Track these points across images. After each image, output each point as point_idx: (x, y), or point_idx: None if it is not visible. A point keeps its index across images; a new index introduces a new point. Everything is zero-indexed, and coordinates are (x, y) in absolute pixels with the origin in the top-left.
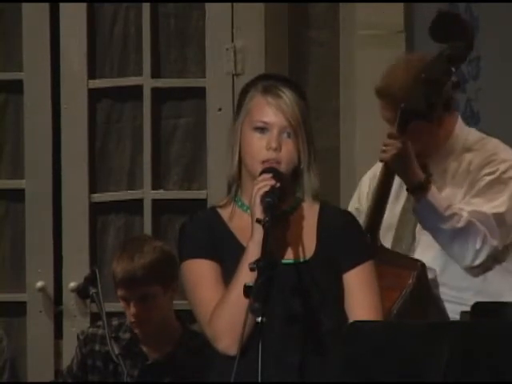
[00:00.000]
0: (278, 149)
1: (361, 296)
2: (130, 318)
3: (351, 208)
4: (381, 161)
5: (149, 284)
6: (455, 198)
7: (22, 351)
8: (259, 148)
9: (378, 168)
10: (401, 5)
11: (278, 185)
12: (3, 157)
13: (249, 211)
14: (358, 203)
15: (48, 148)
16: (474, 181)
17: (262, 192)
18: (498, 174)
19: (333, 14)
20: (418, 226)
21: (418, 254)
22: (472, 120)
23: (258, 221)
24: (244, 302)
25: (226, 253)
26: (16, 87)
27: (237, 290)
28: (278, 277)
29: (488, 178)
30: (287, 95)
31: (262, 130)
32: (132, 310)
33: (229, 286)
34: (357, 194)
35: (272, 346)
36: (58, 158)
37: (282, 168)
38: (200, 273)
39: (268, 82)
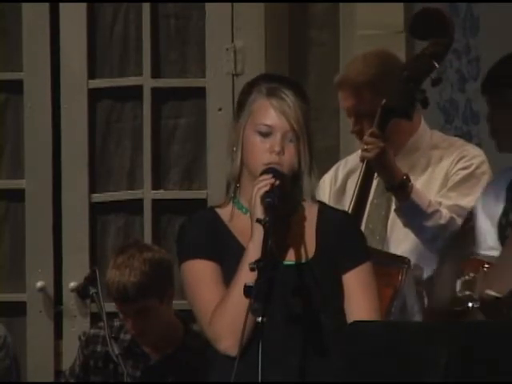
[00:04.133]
0: (281, 152)
1: (359, 297)
2: (130, 331)
3: None
4: (362, 160)
5: (143, 300)
6: (429, 192)
7: (22, 351)
8: (262, 151)
9: (338, 170)
10: (401, 5)
11: (278, 183)
12: (3, 157)
13: (248, 213)
14: None
15: (48, 148)
16: (449, 175)
17: (262, 192)
18: (472, 168)
19: (333, 13)
20: (390, 220)
21: (392, 248)
22: (472, 120)
23: (259, 221)
24: (245, 303)
25: (225, 253)
26: (16, 87)
27: (237, 290)
28: (279, 278)
29: (463, 173)
30: (291, 98)
31: (266, 133)
32: (131, 324)
33: (229, 286)
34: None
35: (273, 346)
36: (58, 158)
37: (284, 171)
38: (200, 273)
39: (271, 84)
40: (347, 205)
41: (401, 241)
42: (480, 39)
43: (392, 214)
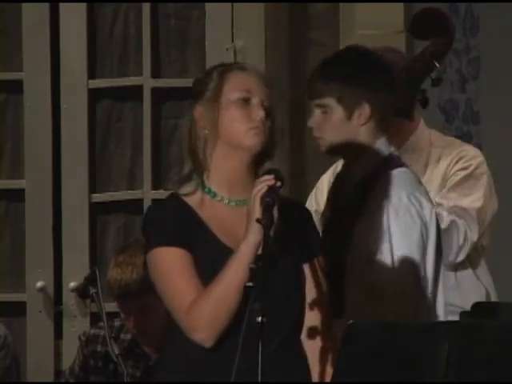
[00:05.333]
0: (263, 118)
1: (307, 289)
2: (131, 330)
3: None
4: None
5: (145, 296)
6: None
7: (22, 351)
8: (245, 117)
9: (335, 170)
10: (401, 5)
11: (279, 184)
12: (3, 157)
13: (217, 197)
14: (316, 205)
15: (48, 148)
16: (448, 176)
17: (261, 193)
18: (471, 169)
19: (333, 14)
20: None
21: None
22: (472, 120)
23: (258, 221)
24: (229, 300)
25: (197, 241)
26: (16, 87)
27: (221, 287)
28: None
29: (462, 173)
30: (261, 72)
31: (246, 98)
32: (132, 322)
33: (214, 281)
34: (313, 195)
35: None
36: (58, 157)
37: (265, 140)
38: (172, 261)
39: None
40: None
41: None
42: (480, 39)
43: None
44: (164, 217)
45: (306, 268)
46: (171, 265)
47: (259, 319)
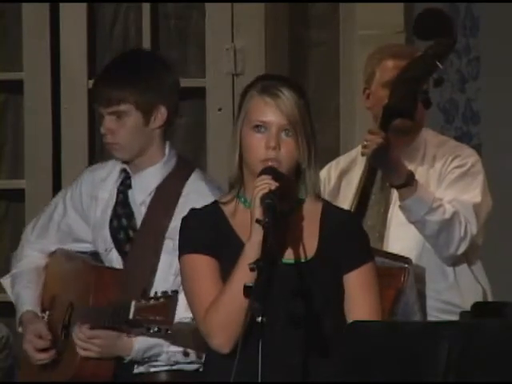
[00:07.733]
0: (276, 147)
1: (360, 298)
2: None
3: None
4: (363, 155)
5: None
6: None
7: (21, 351)
8: (259, 147)
9: (330, 170)
10: (401, 5)
11: (277, 185)
12: (3, 157)
13: (250, 206)
14: None
15: (48, 148)
16: (444, 173)
17: (261, 194)
18: (467, 166)
19: (333, 13)
20: (389, 217)
21: (391, 245)
22: (472, 120)
23: (258, 221)
24: (238, 302)
25: (225, 249)
26: (16, 87)
27: (232, 289)
28: (278, 277)
29: (458, 171)
30: (285, 94)
31: (261, 129)
32: None
33: (224, 285)
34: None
35: (273, 346)
36: (58, 157)
37: (283, 167)
38: (198, 268)
39: (267, 82)
40: (342, 205)
41: (400, 238)
42: (480, 39)
43: (391, 211)
44: (196, 225)
45: (353, 276)
46: (196, 272)
47: (259, 319)
